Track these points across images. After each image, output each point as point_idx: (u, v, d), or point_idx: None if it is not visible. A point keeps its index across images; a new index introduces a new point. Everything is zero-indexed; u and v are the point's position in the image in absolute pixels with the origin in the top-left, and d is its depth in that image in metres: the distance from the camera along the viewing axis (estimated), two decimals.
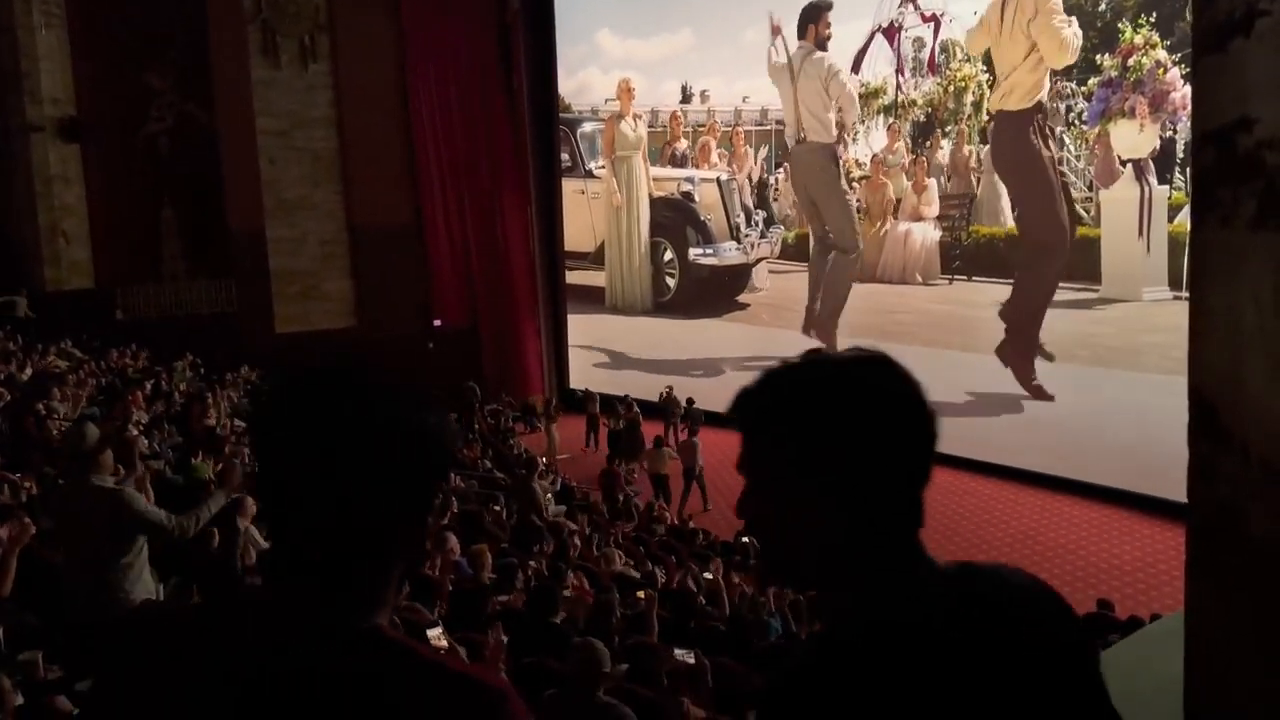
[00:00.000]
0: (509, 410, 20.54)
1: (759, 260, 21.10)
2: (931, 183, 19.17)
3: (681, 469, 14.09)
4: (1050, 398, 15.42)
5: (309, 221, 21.20)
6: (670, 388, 18.13)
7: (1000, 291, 16.81)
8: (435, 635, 4.26)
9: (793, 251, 20.78)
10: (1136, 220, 15.07)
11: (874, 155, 19.61)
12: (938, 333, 17.49)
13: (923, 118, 19.05)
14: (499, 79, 22.02)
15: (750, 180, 21.77)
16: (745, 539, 10.16)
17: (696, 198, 20.96)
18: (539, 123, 22.21)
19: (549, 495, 10.84)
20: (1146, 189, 15.12)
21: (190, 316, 20.61)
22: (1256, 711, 1.41)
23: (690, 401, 17.09)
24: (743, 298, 20.96)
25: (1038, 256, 16.12)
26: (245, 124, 20.40)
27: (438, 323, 22.19)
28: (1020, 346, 15.93)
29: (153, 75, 21.76)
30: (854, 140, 19.25)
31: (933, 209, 19.01)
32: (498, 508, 10.32)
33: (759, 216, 21.30)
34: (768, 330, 19.73)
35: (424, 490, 1.10)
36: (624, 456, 15.03)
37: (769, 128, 22.23)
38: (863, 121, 19.61)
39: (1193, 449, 1.57)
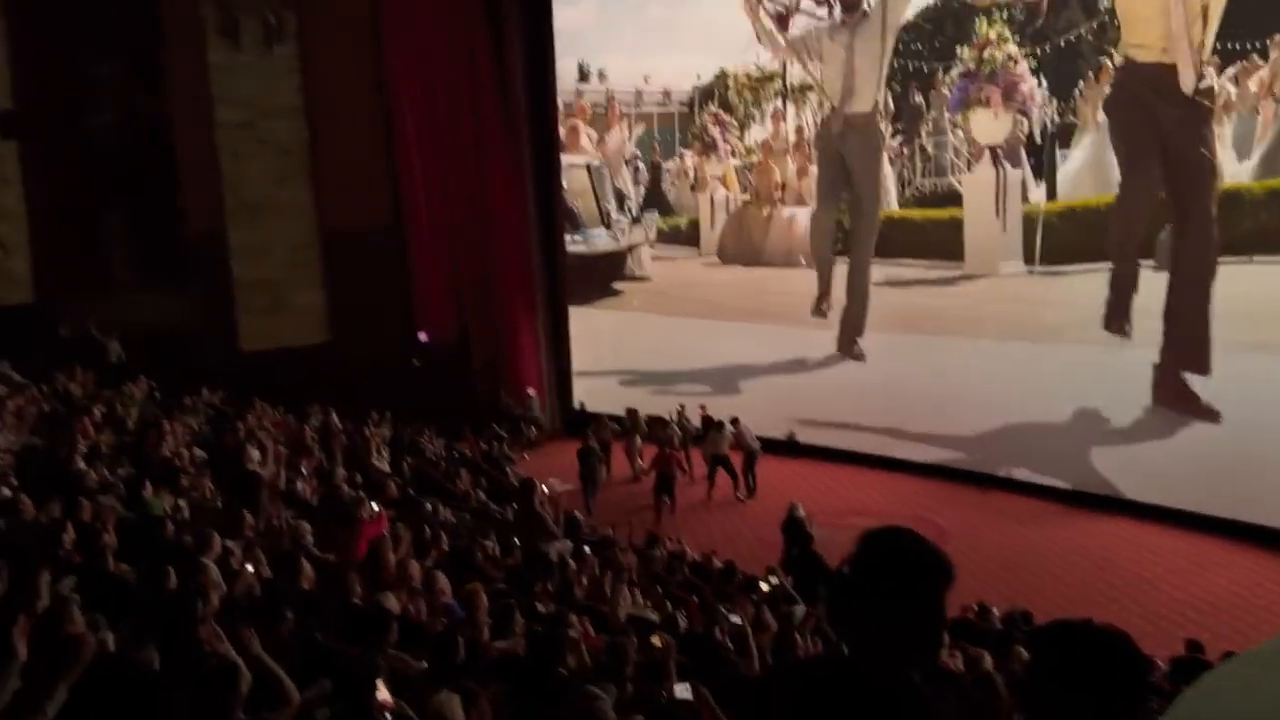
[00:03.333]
0: (520, 423, 20.85)
1: (632, 247, 23.66)
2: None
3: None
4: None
5: (276, 224, 21.39)
6: (703, 407, 19.42)
7: (890, 271, 19.51)
8: (382, 694, 4.28)
9: (684, 238, 23.68)
10: (993, 202, 18.28)
11: (764, 140, 22.65)
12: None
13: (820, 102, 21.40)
14: (489, 61, 22.19)
15: (626, 163, 24.08)
16: (772, 580, 10.27)
17: (565, 184, 22.86)
18: (535, 104, 22.42)
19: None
20: (1002, 173, 18.30)
21: (143, 333, 20.71)
22: None
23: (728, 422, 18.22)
24: (624, 285, 23.78)
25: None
26: (202, 114, 20.60)
27: (423, 336, 22.35)
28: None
29: (97, 61, 21.99)
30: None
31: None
32: (489, 543, 10.35)
33: (631, 202, 23.69)
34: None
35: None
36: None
37: (670, 109, 24.94)
38: (757, 105, 22.96)
39: None
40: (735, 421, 18.18)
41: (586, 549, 10.67)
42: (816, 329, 20.35)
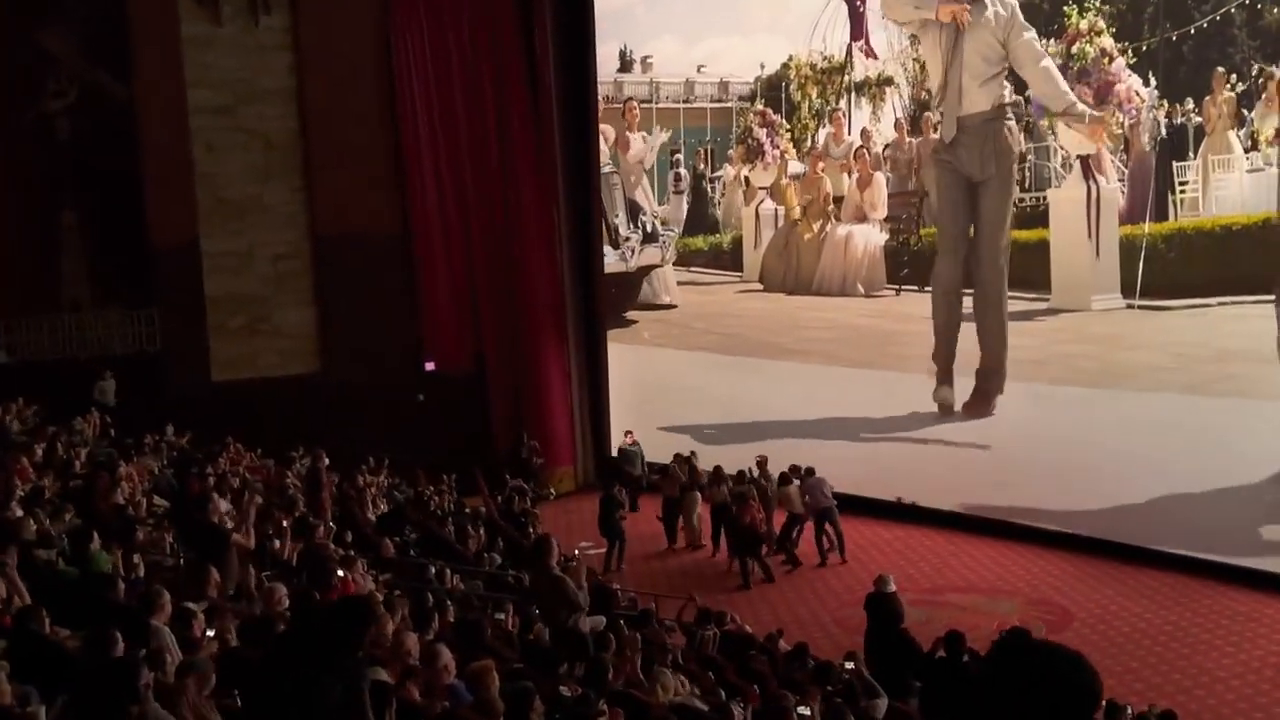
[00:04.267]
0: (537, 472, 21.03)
1: (644, 269, 24.00)
2: (878, 177, 21.76)
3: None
4: None
5: (258, 230, 21.71)
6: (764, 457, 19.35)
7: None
8: None
9: (727, 260, 23.99)
10: (1085, 222, 18.26)
11: (813, 147, 22.88)
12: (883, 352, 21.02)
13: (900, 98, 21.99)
14: (517, 43, 22.49)
15: (645, 168, 24.30)
16: (850, 667, 10.17)
17: None
18: (570, 96, 22.62)
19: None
20: (1094, 188, 18.25)
21: (98, 358, 20.97)
22: None
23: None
24: (641, 314, 24.25)
25: None
26: (173, 98, 20.93)
27: (430, 366, 22.51)
28: None
29: (49, 34, 22.29)
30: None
31: (879, 209, 21.69)
32: (501, 616, 10.31)
33: (648, 217, 24.00)
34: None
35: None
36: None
37: (729, 104, 24.96)
38: (825, 100, 23.07)
39: None
40: (810, 472, 18.09)
41: (623, 624, 10.57)
42: (883, 371, 20.79)
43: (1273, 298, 16.36)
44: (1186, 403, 17.32)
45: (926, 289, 20.19)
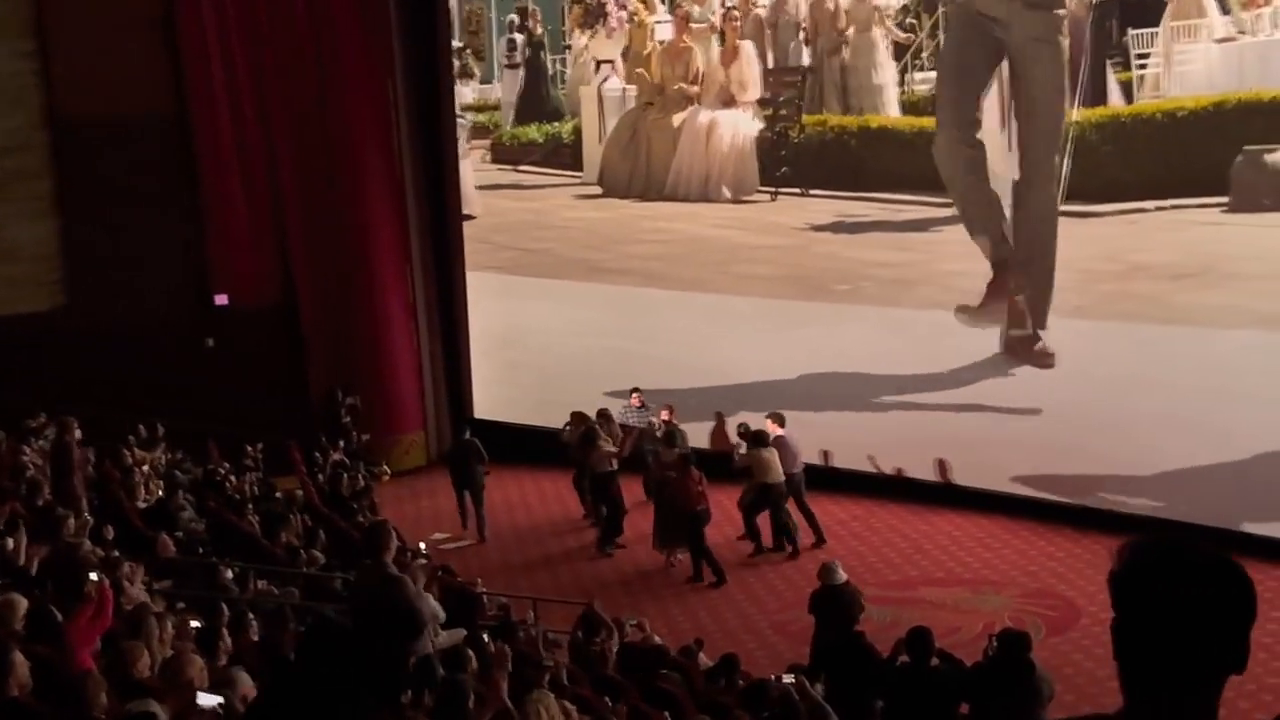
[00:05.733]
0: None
1: None
2: (746, 48, 21.55)
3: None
4: None
5: None
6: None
7: (849, 208, 20.49)
8: None
9: (568, 156, 23.96)
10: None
11: (676, 5, 22.52)
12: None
13: None
14: None
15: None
16: (789, 681, 10.42)
17: None
18: None
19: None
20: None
21: None
22: None
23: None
24: None
25: None
26: None
27: (222, 300, 22.36)
28: None
29: None
30: None
31: (750, 89, 21.55)
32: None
33: None
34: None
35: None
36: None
37: None
38: None
39: None
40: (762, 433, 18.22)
41: (486, 638, 10.66)
42: (721, 295, 21.55)
43: (1220, 201, 16.95)
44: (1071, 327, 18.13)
45: (813, 192, 20.83)
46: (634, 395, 20.03)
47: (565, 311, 22.87)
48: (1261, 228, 16.79)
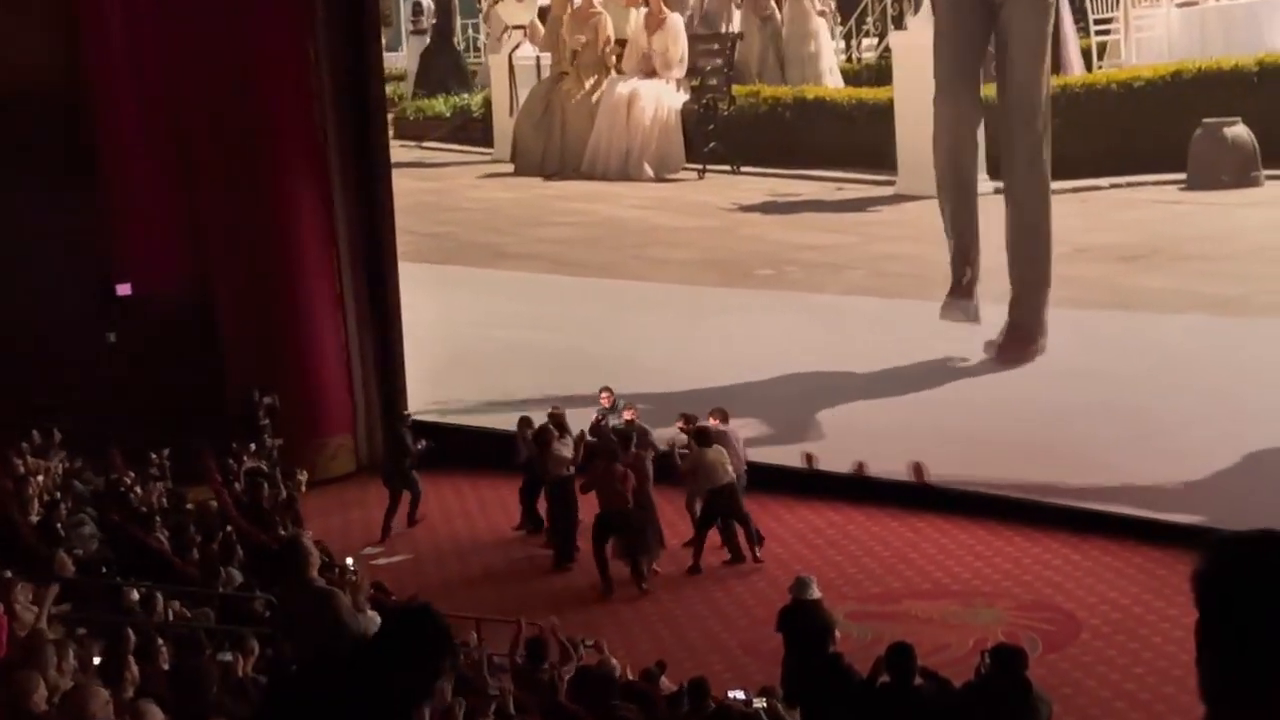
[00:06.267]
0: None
1: None
2: (674, 19, 21.66)
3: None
4: None
5: None
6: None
7: (783, 186, 20.64)
8: None
9: (478, 131, 24.14)
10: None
11: None
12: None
13: None
14: None
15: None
16: (759, 706, 10.49)
17: None
18: None
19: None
20: None
21: None
22: None
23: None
24: None
25: None
26: None
27: (125, 290, 22.31)
28: None
29: None
30: None
31: (676, 61, 21.57)
32: (229, 658, 10.40)
33: None
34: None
35: None
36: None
37: None
38: None
39: None
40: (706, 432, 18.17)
41: None
42: (636, 282, 21.90)
43: (1176, 178, 17.25)
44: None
45: (744, 170, 21.06)
46: (603, 394, 19.77)
47: (466, 300, 23.25)
48: (1218, 206, 17.15)
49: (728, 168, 21.20)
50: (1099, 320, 17.84)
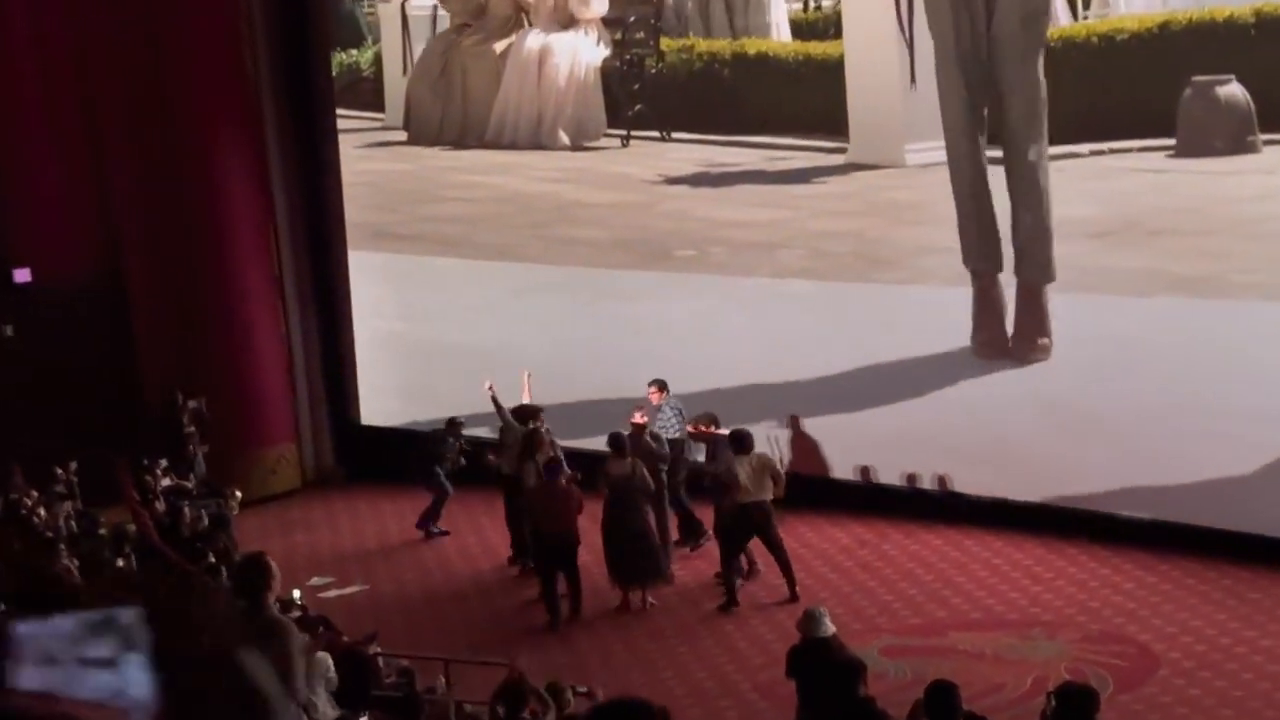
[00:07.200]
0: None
1: None
2: None
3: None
4: None
5: None
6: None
7: (719, 155, 20.74)
8: None
9: (368, 93, 24.20)
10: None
11: None
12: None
13: None
14: None
15: None
16: None
17: None
18: None
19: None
20: None
21: None
22: None
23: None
24: None
25: None
26: None
27: (24, 277, 22.38)
28: None
29: None
30: None
31: (592, 7, 21.64)
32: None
33: None
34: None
35: None
36: None
37: None
38: None
39: None
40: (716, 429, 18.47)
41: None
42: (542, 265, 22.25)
43: (1166, 144, 17.44)
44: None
45: (675, 136, 21.19)
46: (651, 389, 19.20)
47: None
48: (1208, 175, 17.41)
49: (656, 134, 21.31)
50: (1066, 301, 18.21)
